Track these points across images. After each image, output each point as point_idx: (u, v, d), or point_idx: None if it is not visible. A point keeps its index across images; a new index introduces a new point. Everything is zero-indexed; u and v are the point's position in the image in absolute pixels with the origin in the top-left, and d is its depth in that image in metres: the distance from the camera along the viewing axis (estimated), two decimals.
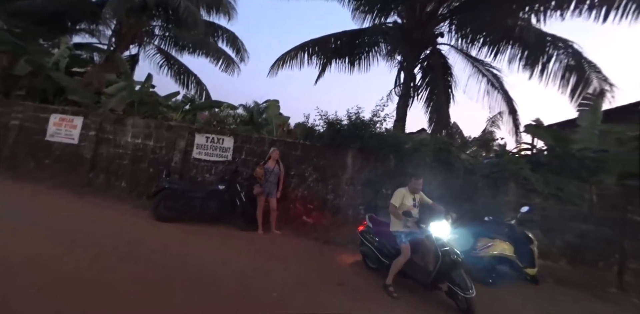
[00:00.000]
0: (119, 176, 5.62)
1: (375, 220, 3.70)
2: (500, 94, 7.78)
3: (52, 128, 5.98)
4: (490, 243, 3.75)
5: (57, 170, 5.75)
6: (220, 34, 9.85)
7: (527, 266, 3.84)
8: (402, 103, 7.68)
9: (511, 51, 6.94)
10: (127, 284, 2.38)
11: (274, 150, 4.74)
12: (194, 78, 9.69)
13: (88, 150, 5.75)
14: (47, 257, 2.63)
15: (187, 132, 5.58)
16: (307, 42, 8.23)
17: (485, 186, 4.61)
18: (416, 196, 3.27)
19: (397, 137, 4.98)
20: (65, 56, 7.38)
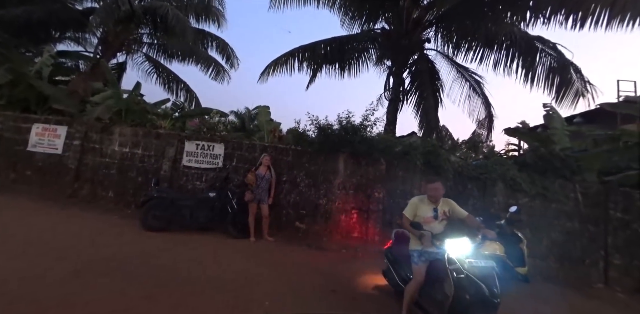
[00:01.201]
0: (106, 186, 5.47)
1: (401, 237, 3.14)
2: (481, 99, 8.04)
3: (34, 138, 5.80)
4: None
5: (39, 181, 5.55)
6: (209, 41, 9.84)
7: (518, 266, 3.90)
8: (392, 108, 7.80)
9: (495, 55, 7.20)
10: (113, 298, 2.29)
11: (264, 156, 4.73)
12: (183, 85, 9.61)
13: (72, 159, 5.58)
14: (25, 273, 2.51)
15: (177, 140, 5.51)
16: (296, 48, 8.32)
17: (475, 188, 4.71)
18: (440, 206, 2.52)
19: (387, 141, 5.04)
20: (48, 64, 7.22)
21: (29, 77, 6.61)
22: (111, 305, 2.18)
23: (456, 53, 7.96)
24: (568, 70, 6.43)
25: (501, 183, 4.66)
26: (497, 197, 4.68)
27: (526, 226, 4.44)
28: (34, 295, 2.19)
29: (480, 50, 7.33)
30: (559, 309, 3.36)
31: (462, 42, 7.59)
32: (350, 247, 4.53)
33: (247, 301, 2.51)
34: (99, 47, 8.76)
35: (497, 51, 7.13)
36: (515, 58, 6.87)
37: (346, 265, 3.83)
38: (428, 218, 2.48)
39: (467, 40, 7.43)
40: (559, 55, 6.58)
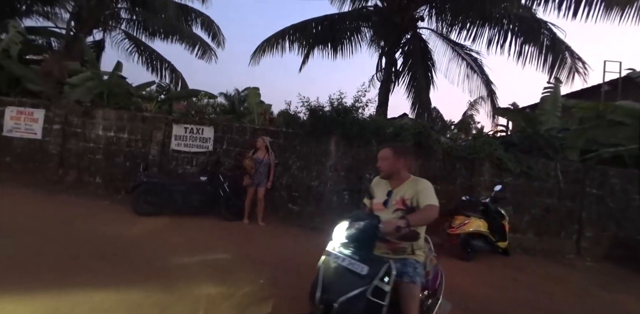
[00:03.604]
0: (93, 172, 5.34)
1: None
2: (480, 77, 8.00)
3: (9, 123, 5.50)
4: (467, 220, 3.99)
5: (21, 168, 5.36)
6: (193, 18, 9.22)
7: (500, 240, 4.16)
8: (383, 89, 7.71)
9: (489, 33, 7.06)
10: (107, 282, 2.25)
11: (258, 139, 4.56)
12: (168, 65, 9.11)
13: (54, 145, 5.37)
14: (13, 262, 2.43)
15: (164, 123, 5.34)
16: (287, 28, 7.95)
17: (463, 168, 4.84)
18: (399, 189, 1.64)
19: (379, 123, 5.04)
20: (16, 42, 6.65)
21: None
22: (107, 288, 2.18)
23: (450, 31, 7.79)
24: (560, 48, 6.42)
25: (488, 162, 4.79)
26: (484, 176, 4.84)
27: (510, 203, 4.66)
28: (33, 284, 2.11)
29: (474, 28, 7.18)
30: (532, 277, 3.64)
31: (456, 20, 7.39)
32: None
33: (243, 280, 2.59)
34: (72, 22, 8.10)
35: (491, 28, 6.99)
36: (509, 36, 6.78)
37: None
38: (377, 205, 1.68)
39: (461, 17, 7.23)
40: (551, 34, 6.53)
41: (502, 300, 2.85)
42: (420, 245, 1.61)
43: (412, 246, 1.58)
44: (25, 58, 6.78)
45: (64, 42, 8.14)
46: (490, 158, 4.77)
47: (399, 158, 1.64)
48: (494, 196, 4.30)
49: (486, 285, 3.17)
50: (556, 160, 4.82)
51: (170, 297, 2.15)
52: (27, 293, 1.98)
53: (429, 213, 1.49)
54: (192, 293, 2.26)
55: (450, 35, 7.90)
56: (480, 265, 3.81)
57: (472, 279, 3.30)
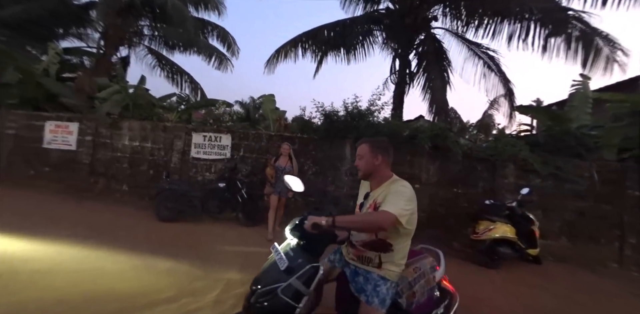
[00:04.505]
0: (119, 179, 5.65)
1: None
2: (497, 76, 7.68)
3: (48, 136, 5.98)
4: (492, 226, 3.78)
5: (56, 176, 5.78)
6: (210, 30, 9.68)
7: (529, 247, 3.89)
8: (398, 91, 7.61)
9: (509, 29, 6.75)
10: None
11: (284, 144, 4.26)
12: (187, 77, 9.59)
13: (86, 155, 5.76)
14: (60, 265, 2.63)
15: (184, 132, 5.57)
16: (299, 35, 8.08)
17: (485, 170, 4.62)
18: (376, 191, 1.45)
19: (394, 125, 4.95)
20: (55, 62, 7.29)
21: (37, 76, 6.72)
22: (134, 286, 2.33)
23: (466, 30, 7.58)
24: (593, 37, 5.82)
25: (512, 164, 4.54)
26: (508, 179, 4.58)
27: (538, 207, 4.36)
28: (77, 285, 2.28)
29: (492, 25, 6.92)
30: (566, 287, 3.35)
31: (472, 18, 7.19)
32: None
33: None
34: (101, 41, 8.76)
35: (511, 24, 6.70)
36: (532, 29, 6.42)
37: None
38: (357, 209, 1.56)
39: (477, 15, 7.02)
40: (580, 23, 6.04)
41: (530, 311, 2.65)
42: (394, 259, 1.35)
43: (380, 258, 1.34)
44: (62, 76, 7.38)
45: (94, 60, 8.81)
46: (514, 160, 4.52)
47: (377, 155, 1.41)
48: (521, 200, 4.05)
49: (514, 295, 2.97)
50: (590, 160, 4.47)
51: (201, 274, 2.70)
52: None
53: (371, 219, 1.25)
54: (218, 275, 2.71)
55: (466, 34, 7.69)
56: (507, 273, 3.57)
57: (498, 288, 3.10)
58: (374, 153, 1.42)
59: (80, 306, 1.96)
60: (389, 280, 1.35)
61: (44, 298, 1.99)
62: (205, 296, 2.27)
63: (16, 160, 6.01)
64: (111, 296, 2.12)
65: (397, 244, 1.35)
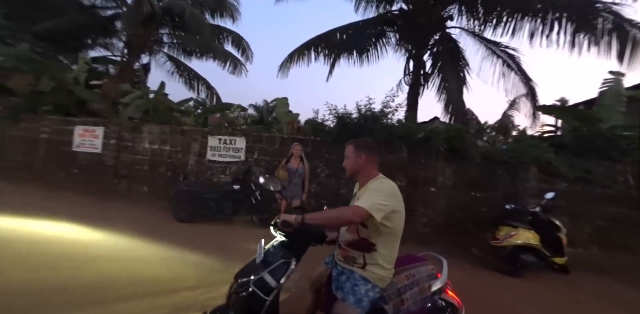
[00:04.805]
0: (140, 181, 5.90)
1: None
2: (518, 75, 7.36)
3: (77, 140, 6.36)
4: (513, 232, 3.59)
5: (84, 178, 6.12)
6: (225, 36, 10.00)
7: (556, 255, 3.65)
8: (412, 93, 7.47)
9: (530, 26, 6.44)
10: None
11: (295, 145, 4.16)
12: (204, 82, 9.93)
13: (110, 158, 6.07)
14: (105, 254, 2.91)
15: (200, 135, 5.75)
16: (312, 39, 8.14)
17: (505, 173, 4.42)
18: (362, 191, 1.48)
19: (408, 127, 4.86)
20: (84, 71, 7.78)
21: (69, 84, 7.19)
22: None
23: (483, 29, 7.34)
24: (628, 27, 5.36)
25: (534, 167, 4.31)
26: (530, 182, 4.35)
27: (565, 213, 4.11)
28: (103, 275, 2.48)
29: (512, 22, 6.65)
30: (598, 299, 3.10)
31: (489, 17, 6.95)
32: None
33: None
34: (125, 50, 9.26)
35: (532, 21, 6.41)
36: (557, 25, 6.09)
37: None
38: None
39: (495, 13, 6.78)
40: (612, 14, 5.62)
41: None
42: (379, 261, 1.32)
43: (364, 259, 1.33)
44: (90, 84, 7.86)
45: (118, 68, 9.32)
46: (537, 162, 4.29)
47: (361, 155, 1.44)
48: (545, 205, 3.83)
49: (538, 305, 2.79)
50: (624, 162, 4.16)
51: (221, 268, 2.85)
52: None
53: (340, 214, 1.25)
54: (237, 269, 2.67)
55: (484, 32, 7.44)
56: (531, 283, 3.37)
57: (522, 298, 2.93)
58: (358, 153, 1.45)
59: (127, 287, 2.36)
60: (371, 282, 1.31)
61: (98, 281, 2.40)
62: (222, 288, 2.32)
63: (49, 162, 6.43)
64: (145, 281, 2.50)
65: (380, 244, 1.32)
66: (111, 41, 10.07)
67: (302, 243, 1.28)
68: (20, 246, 2.93)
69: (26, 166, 6.49)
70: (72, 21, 8.40)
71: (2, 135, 6.74)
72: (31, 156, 6.54)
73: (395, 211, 1.31)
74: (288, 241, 1.28)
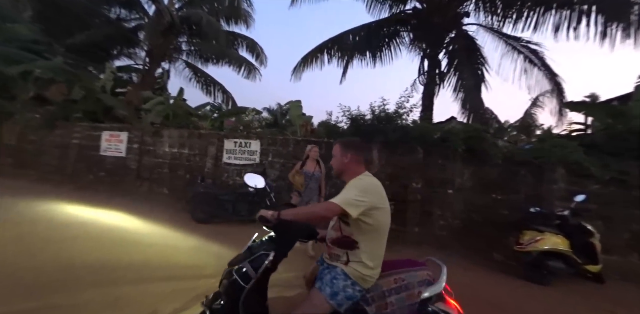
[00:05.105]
0: (160, 183, 6.15)
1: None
2: (542, 71, 6.99)
3: (104, 144, 6.75)
4: (539, 236, 3.38)
5: (109, 180, 6.47)
6: (240, 42, 10.29)
7: (588, 263, 3.40)
8: (427, 92, 7.30)
9: (555, 19, 6.11)
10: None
11: (311, 147, 3.83)
12: (220, 87, 10.25)
13: (133, 161, 6.38)
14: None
15: (217, 139, 5.91)
16: (325, 42, 8.17)
17: (528, 174, 4.18)
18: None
19: (423, 128, 4.74)
20: (110, 79, 8.28)
21: (97, 92, 7.67)
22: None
23: (503, 25, 7.05)
24: None
25: (562, 168, 4.05)
26: (557, 184, 4.09)
27: (598, 217, 3.82)
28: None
29: (534, 15, 6.34)
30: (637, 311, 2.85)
31: (509, 11, 6.68)
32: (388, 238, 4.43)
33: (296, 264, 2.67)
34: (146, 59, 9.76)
35: (557, 13, 6.07)
36: (585, 17, 5.73)
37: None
38: None
39: (515, 7, 6.50)
40: None
41: None
42: (361, 258, 1.30)
43: (347, 257, 1.33)
44: (115, 91, 8.33)
45: (140, 75, 9.83)
46: (564, 163, 4.03)
47: (346, 154, 1.46)
48: (575, 208, 3.58)
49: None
50: None
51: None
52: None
53: (314, 209, 1.30)
54: None
55: (503, 28, 7.15)
56: (560, 292, 3.15)
57: (550, 308, 2.75)
58: (344, 152, 1.46)
59: (157, 270, 2.76)
60: (351, 279, 1.31)
61: (133, 262, 2.87)
62: None
63: (79, 166, 6.87)
64: (173, 266, 2.89)
65: (363, 242, 1.32)
66: (134, 51, 10.66)
67: (288, 238, 1.33)
68: (78, 232, 3.58)
69: (60, 169, 6.97)
70: (100, 34, 8.98)
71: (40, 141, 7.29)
72: (64, 160, 7.01)
73: (376, 207, 1.30)
74: (275, 235, 1.34)
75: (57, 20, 9.27)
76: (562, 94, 6.80)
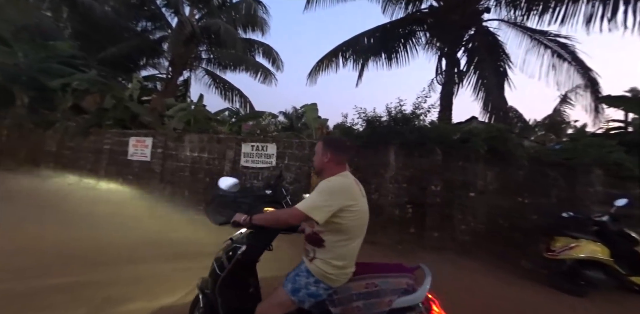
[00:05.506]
0: (182, 186, 6.40)
1: None
2: (573, 66, 6.53)
3: (131, 149, 7.17)
4: (573, 243, 3.12)
5: (136, 184, 6.84)
6: (256, 48, 10.61)
7: (633, 274, 3.08)
8: (445, 92, 7.06)
9: (586, 9, 5.67)
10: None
11: None
12: (237, 92, 10.59)
13: (157, 165, 6.70)
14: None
15: (234, 143, 6.07)
16: (339, 45, 8.16)
17: (559, 176, 3.89)
18: None
19: (442, 129, 4.58)
20: (137, 88, 8.83)
21: (125, 101, 8.20)
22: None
23: (527, 18, 6.69)
24: None
25: (599, 169, 3.73)
26: (593, 187, 3.77)
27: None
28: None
29: (562, 6, 5.95)
30: None
31: (534, 4, 6.33)
32: (406, 242, 4.29)
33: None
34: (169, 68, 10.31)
35: (588, 3, 5.66)
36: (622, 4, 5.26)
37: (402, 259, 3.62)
38: None
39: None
40: None
41: None
42: (326, 257, 1.29)
43: (315, 253, 1.33)
44: (141, 100, 8.85)
45: (163, 84, 10.38)
46: (602, 163, 3.71)
47: (326, 153, 1.41)
48: (616, 213, 3.27)
49: None
50: None
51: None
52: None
53: (279, 215, 1.35)
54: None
55: (527, 22, 6.79)
56: (600, 304, 2.87)
57: None
58: (325, 151, 1.43)
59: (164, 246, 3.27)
60: (314, 277, 1.30)
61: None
62: None
63: (110, 170, 7.33)
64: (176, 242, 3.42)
65: (330, 241, 1.30)
66: (158, 61, 11.33)
67: (265, 233, 1.44)
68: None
69: (93, 173, 7.48)
70: (128, 46, 9.63)
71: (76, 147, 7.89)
72: (97, 164, 7.53)
73: (346, 209, 1.27)
74: (254, 231, 1.44)
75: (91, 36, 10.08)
76: (597, 90, 6.30)
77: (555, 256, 3.14)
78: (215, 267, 1.47)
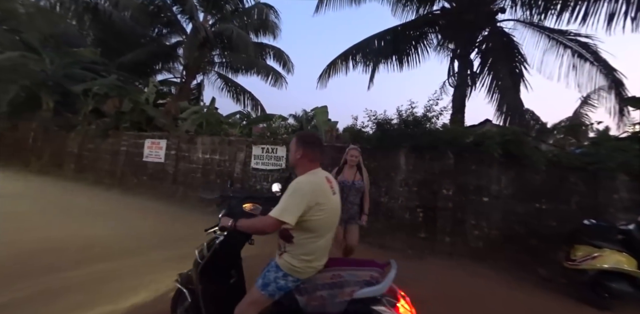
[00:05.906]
0: (194, 187, 6.53)
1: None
2: (595, 66, 6.26)
3: (146, 151, 7.39)
4: (596, 253, 2.96)
5: (151, 184, 7.03)
6: (267, 52, 10.77)
7: None
8: (458, 94, 6.92)
9: (608, 7, 5.44)
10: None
11: (349, 150, 2.84)
12: (249, 95, 10.77)
13: (170, 166, 6.88)
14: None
15: (245, 145, 6.16)
16: (350, 48, 8.14)
17: (581, 182, 3.72)
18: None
19: (454, 132, 4.47)
20: (153, 92, 9.13)
21: (142, 104, 8.50)
22: None
23: (544, 17, 6.48)
24: None
25: (624, 174, 3.54)
26: (618, 193, 3.57)
27: None
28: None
29: (583, 4, 5.74)
30: None
31: (551, 2, 6.13)
32: (416, 247, 4.19)
33: None
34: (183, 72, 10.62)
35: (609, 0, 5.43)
36: None
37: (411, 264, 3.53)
38: None
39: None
40: None
41: None
42: (294, 252, 1.35)
43: (284, 248, 1.39)
44: (156, 103, 9.14)
45: (178, 87, 10.70)
46: (627, 169, 3.52)
47: (299, 149, 1.43)
48: None
49: None
50: None
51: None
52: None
53: (257, 224, 1.36)
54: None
55: (545, 21, 6.57)
56: None
57: None
58: (297, 147, 1.44)
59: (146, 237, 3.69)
60: (282, 271, 1.35)
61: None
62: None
63: (126, 171, 7.59)
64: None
65: (299, 236, 1.35)
66: (173, 65, 11.70)
67: (240, 234, 1.56)
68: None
69: (110, 173, 7.77)
70: (145, 52, 10.01)
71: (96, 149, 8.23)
72: (114, 165, 7.81)
73: (314, 206, 1.31)
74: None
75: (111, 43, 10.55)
76: (622, 91, 6.00)
77: (576, 265, 2.99)
78: (197, 257, 1.62)
